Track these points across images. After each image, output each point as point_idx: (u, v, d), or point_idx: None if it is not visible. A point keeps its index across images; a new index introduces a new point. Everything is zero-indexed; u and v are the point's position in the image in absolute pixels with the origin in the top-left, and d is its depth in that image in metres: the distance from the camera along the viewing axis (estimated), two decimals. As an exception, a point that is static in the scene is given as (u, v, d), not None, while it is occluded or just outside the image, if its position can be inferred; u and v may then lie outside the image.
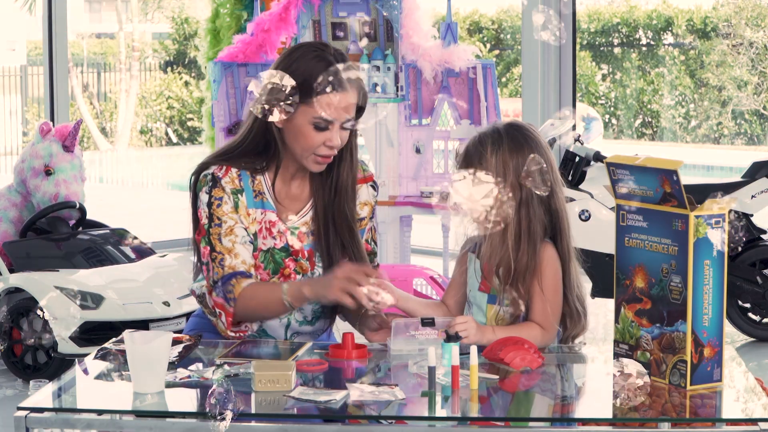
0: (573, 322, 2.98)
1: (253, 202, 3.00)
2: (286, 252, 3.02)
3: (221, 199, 2.97)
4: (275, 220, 3.01)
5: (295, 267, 3.02)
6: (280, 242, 3.01)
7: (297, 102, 2.89)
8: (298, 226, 3.03)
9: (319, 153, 2.93)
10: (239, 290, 2.93)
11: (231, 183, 2.98)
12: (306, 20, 6.31)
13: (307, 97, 2.89)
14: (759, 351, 6.31)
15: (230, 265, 2.94)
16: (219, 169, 2.98)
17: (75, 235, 6.10)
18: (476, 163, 2.90)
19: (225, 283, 2.94)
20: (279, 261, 3.02)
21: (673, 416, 2.41)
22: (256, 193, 3.00)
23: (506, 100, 15.64)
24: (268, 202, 3.01)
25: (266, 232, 3.01)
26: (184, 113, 19.77)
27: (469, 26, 16.89)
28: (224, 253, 2.95)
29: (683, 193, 2.48)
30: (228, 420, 2.29)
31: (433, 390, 2.50)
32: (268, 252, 3.01)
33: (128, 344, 2.51)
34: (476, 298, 2.99)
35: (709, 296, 2.51)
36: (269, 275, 3.01)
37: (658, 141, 15.81)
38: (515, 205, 2.88)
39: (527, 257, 2.89)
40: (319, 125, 2.90)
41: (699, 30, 15.17)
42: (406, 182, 6.41)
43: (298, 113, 2.91)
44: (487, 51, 16.49)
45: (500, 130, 2.94)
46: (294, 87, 2.88)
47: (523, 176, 2.86)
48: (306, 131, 2.92)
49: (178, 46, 20.66)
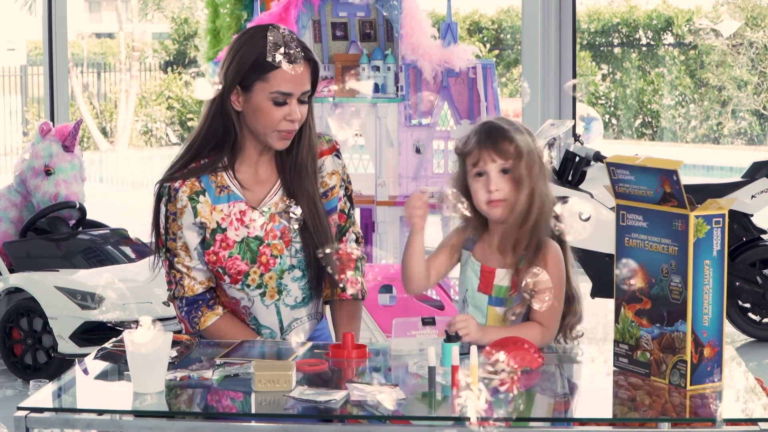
0: (571, 311, 2.97)
1: (216, 198, 3.02)
2: (259, 240, 3.03)
3: (176, 214, 3.02)
4: (245, 209, 3.03)
5: (271, 252, 3.04)
6: (253, 231, 3.03)
7: (253, 80, 2.95)
8: (270, 208, 3.05)
9: (281, 128, 2.97)
10: (204, 325, 3.06)
11: (189, 190, 3.01)
12: (306, 20, 6.31)
13: (262, 73, 2.94)
14: (759, 351, 6.32)
15: (189, 286, 3.05)
16: (180, 183, 3.02)
17: (75, 235, 6.10)
18: (514, 134, 2.90)
19: (189, 307, 3.06)
20: (254, 249, 3.03)
21: (673, 416, 2.41)
22: (220, 189, 3.02)
23: (506, 100, 15.64)
24: (234, 193, 3.03)
25: (237, 223, 3.02)
26: (184, 113, 19.78)
27: (469, 26, 16.90)
28: (183, 272, 3.05)
29: (683, 193, 2.48)
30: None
31: (433, 390, 2.50)
32: (243, 242, 3.03)
33: (128, 344, 2.51)
34: (475, 298, 2.98)
35: (709, 296, 2.51)
36: (248, 264, 3.02)
37: (658, 141, 15.81)
38: (536, 177, 2.90)
39: (539, 235, 2.89)
40: (278, 100, 2.95)
41: (699, 30, 15.17)
42: (406, 182, 6.41)
43: (256, 91, 2.95)
44: (487, 51, 16.49)
45: (511, 121, 2.98)
46: (249, 66, 2.94)
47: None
48: (266, 107, 2.96)
49: (178, 46, 20.66)
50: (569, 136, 6.84)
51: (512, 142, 2.90)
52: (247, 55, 2.96)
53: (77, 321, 5.49)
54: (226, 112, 3.00)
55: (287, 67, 2.94)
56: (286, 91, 2.95)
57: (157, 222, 3.05)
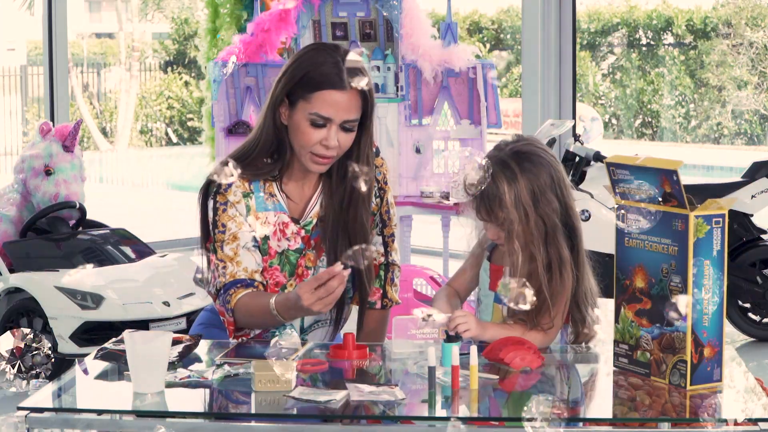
0: (584, 330, 2.97)
1: (263, 205, 2.98)
2: (300, 253, 3.01)
3: (226, 204, 2.95)
4: (288, 221, 3.00)
5: (305, 263, 3.01)
6: (294, 243, 3.00)
7: (298, 97, 2.89)
8: (311, 220, 3.02)
9: (315, 152, 2.91)
10: (234, 301, 2.91)
11: (241, 186, 2.96)
12: (306, 20, 6.32)
13: (307, 92, 2.87)
14: (759, 351, 6.32)
15: (231, 273, 2.93)
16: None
17: (75, 235, 6.10)
18: (497, 208, 2.85)
19: (225, 292, 2.93)
20: (294, 262, 3.00)
21: (673, 416, 2.41)
22: (267, 195, 2.98)
23: (506, 100, 15.64)
24: (279, 203, 2.99)
25: (280, 234, 2.99)
26: (184, 113, 19.78)
27: (469, 26, 16.90)
28: (226, 260, 2.93)
29: (683, 193, 2.48)
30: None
31: (433, 390, 2.50)
32: (283, 254, 2.99)
33: (128, 344, 2.51)
34: (485, 296, 2.99)
35: (709, 296, 2.51)
36: (286, 277, 3.00)
37: (658, 141, 15.81)
38: (542, 239, 2.86)
39: (556, 284, 2.88)
40: (316, 122, 2.88)
41: (699, 30, 15.17)
42: (406, 182, 6.41)
43: (298, 108, 2.89)
44: (487, 51, 16.49)
45: (509, 163, 2.86)
46: (296, 82, 2.88)
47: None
48: (303, 127, 2.89)
49: (178, 46, 20.66)
50: (569, 136, 6.85)
51: (495, 210, 2.85)
52: (298, 70, 2.89)
53: (77, 321, 5.49)
54: (276, 123, 2.95)
55: (331, 91, 2.86)
56: (325, 116, 2.87)
57: (206, 219, 2.97)
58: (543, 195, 2.85)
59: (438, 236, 6.67)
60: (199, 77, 17.99)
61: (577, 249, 2.93)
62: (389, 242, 3.12)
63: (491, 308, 2.97)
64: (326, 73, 2.86)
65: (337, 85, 2.86)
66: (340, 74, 2.86)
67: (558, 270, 2.86)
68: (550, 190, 2.86)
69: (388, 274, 3.13)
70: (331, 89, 2.86)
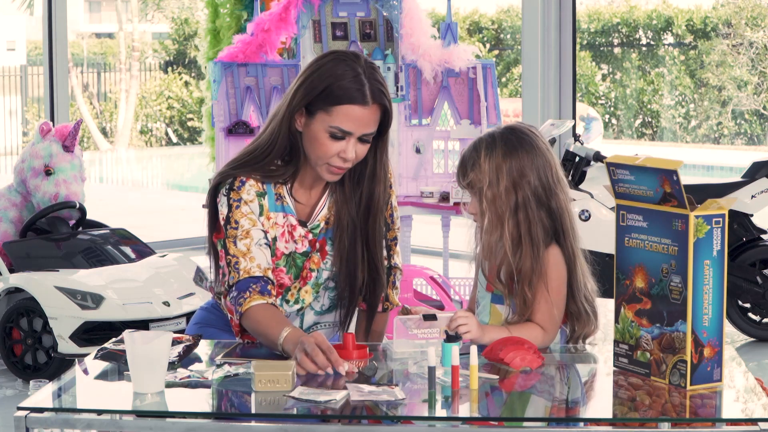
0: (581, 323, 2.98)
1: (274, 206, 2.97)
2: (306, 256, 3.01)
3: (240, 201, 2.93)
4: (296, 224, 2.99)
5: (309, 266, 3.01)
6: (301, 246, 3.00)
7: (317, 108, 2.86)
8: (318, 223, 3.02)
9: (332, 163, 2.90)
10: (246, 306, 2.86)
11: (255, 186, 2.95)
12: (306, 20, 6.31)
13: (328, 105, 2.85)
14: (759, 351, 6.32)
15: (245, 269, 2.89)
16: (247, 177, 2.94)
17: (75, 235, 6.10)
18: (470, 169, 2.92)
19: (239, 291, 2.88)
20: (300, 265, 3.00)
21: (673, 416, 2.41)
22: (278, 197, 2.98)
23: (506, 100, 15.64)
24: (288, 206, 2.99)
25: (288, 236, 2.98)
26: (184, 113, 19.78)
27: (469, 26, 16.90)
28: (239, 256, 2.90)
29: (683, 193, 2.48)
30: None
31: (433, 390, 2.50)
32: (290, 256, 2.99)
33: (128, 344, 2.51)
34: (482, 298, 3.00)
35: (709, 296, 2.51)
36: (291, 279, 2.99)
37: (658, 141, 15.82)
38: (511, 208, 2.88)
39: (530, 261, 2.88)
40: (336, 135, 2.86)
41: (699, 30, 15.18)
42: (406, 182, 6.41)
43: (317, 120, 2.87)
44: (487, 51, 16.49)
45: (495, 134, 2.94)
46: (317, 94, 2.86)
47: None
48: (321, 139, 2.87)
49: (178, 46, 20.66)
50: (569, 136, 6.85)
51: (468, 172, 2.92)
52: (318, 81, 2.86)
53: (77, 321, 5.49)
54: (291, 129, 2.93)
55: (354, 108, 2.85)
56: (346, 130, 2.85)
57: (215, 215, 2.94)
58: (521, 169, 2.88)
59: (438, 236, 6.68)
60: (199, 77, 17.99)
61: (564, 236, 2.93)
62: (392, 246, 3.12)
63: (489, 309, 2.97)
64: (348, 88, 2.84)
65: (359, 100, 2.84)
66: (362, 89, 2.84)
67: (529, 245, 2.87)
68: (529, 168, 2.88)
69: (390, 278, 3.13)
70: (353, 104, 2.85)
